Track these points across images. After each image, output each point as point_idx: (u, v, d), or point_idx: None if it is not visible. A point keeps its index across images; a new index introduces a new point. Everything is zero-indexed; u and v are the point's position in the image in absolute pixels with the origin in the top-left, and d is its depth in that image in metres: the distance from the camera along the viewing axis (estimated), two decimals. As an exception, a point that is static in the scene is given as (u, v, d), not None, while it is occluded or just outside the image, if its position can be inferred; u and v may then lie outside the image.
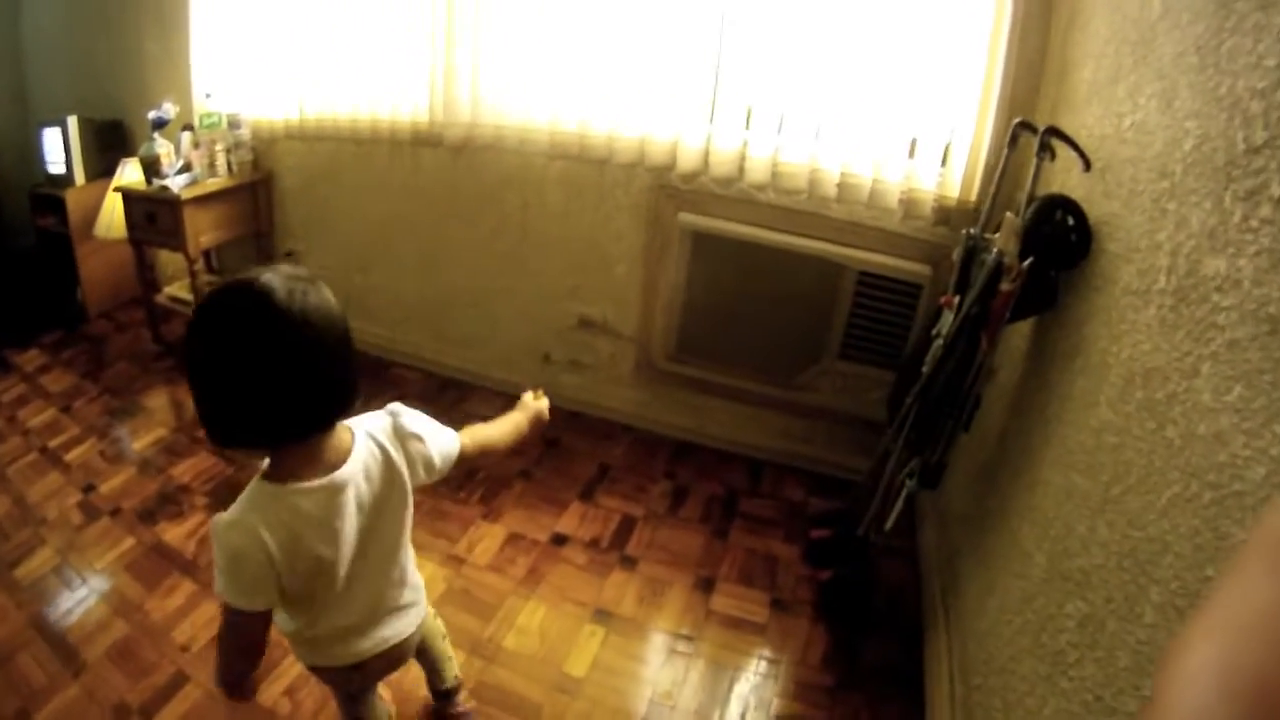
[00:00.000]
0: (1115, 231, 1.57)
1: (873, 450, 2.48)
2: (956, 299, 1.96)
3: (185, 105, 3.69)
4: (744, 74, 2.54)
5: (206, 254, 4.24)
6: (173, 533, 2.80)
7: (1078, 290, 1.73)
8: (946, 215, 2.47)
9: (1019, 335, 2.13)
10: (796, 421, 2.99)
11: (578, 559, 2.64)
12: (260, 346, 1.09)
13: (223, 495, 2.96)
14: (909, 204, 2.49)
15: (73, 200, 4.22)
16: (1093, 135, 1.78)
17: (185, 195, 3.47)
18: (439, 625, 1.86)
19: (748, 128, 2.60)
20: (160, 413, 3.70)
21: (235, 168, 3.66)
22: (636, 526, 2.78)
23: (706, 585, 2.55)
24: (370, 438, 1.30)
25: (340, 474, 1.23)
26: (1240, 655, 0.37)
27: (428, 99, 3.01)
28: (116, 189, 3.75)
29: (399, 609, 1.48)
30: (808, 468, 3.06)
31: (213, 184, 3.59)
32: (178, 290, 3.98)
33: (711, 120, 2.64)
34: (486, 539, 2.71)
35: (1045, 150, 1.82)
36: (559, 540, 2.71)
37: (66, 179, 4.25)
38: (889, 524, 2.21)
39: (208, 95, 3.61)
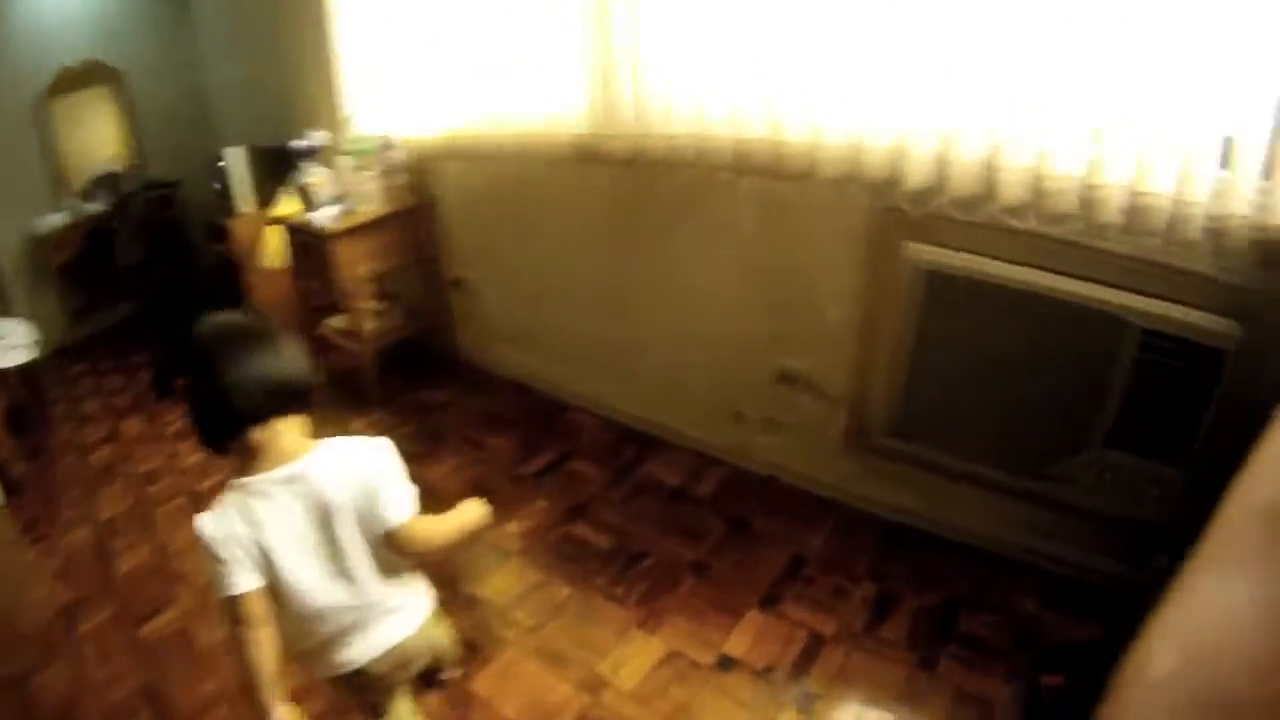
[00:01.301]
0: None
1: (1144, 557, 1.83)
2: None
3: (341, 131, 3.44)
4: (988, 45, 1.79)
5: (378, 281, 4.03)
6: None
7: None
8: (1272, 253, 1.69)
9: None
10: (1044, 514, 2.24)
11: (743, 693, 2.04)
12: (189, 369, 1.35)
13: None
14: (1218, 234, 1.70)
15: (239, 228, 4.16)
16: None
17: (335, 227, 3.21)
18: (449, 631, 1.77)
19: (997, 124, 1.84)
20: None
21: (391, 193, 3.35)
22: (824, 649, 2.13)
23: (902, 741, 1.91)
24: (340, 449, 1.41)
25: (292, 468, 1.35)
26: (1204, 667, 0.41)
27: (585, 106, 2.52)
28: (271, 220, 3.57)
29: (386, 612, 1.50)
30: (1050, 568, 2.28)
31: (365, 213, 3.31)
32: (339, 322, 3.72)
33: (946, 115, 1.89)
34: (638, 657, 2.17)
35: None
36: (725, 664, 2.11)
37: (234, 208, 4.21)
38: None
39: (351, 118, 3.34)
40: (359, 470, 1.39)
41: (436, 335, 3.87)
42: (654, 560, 2.47)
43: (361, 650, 1.47)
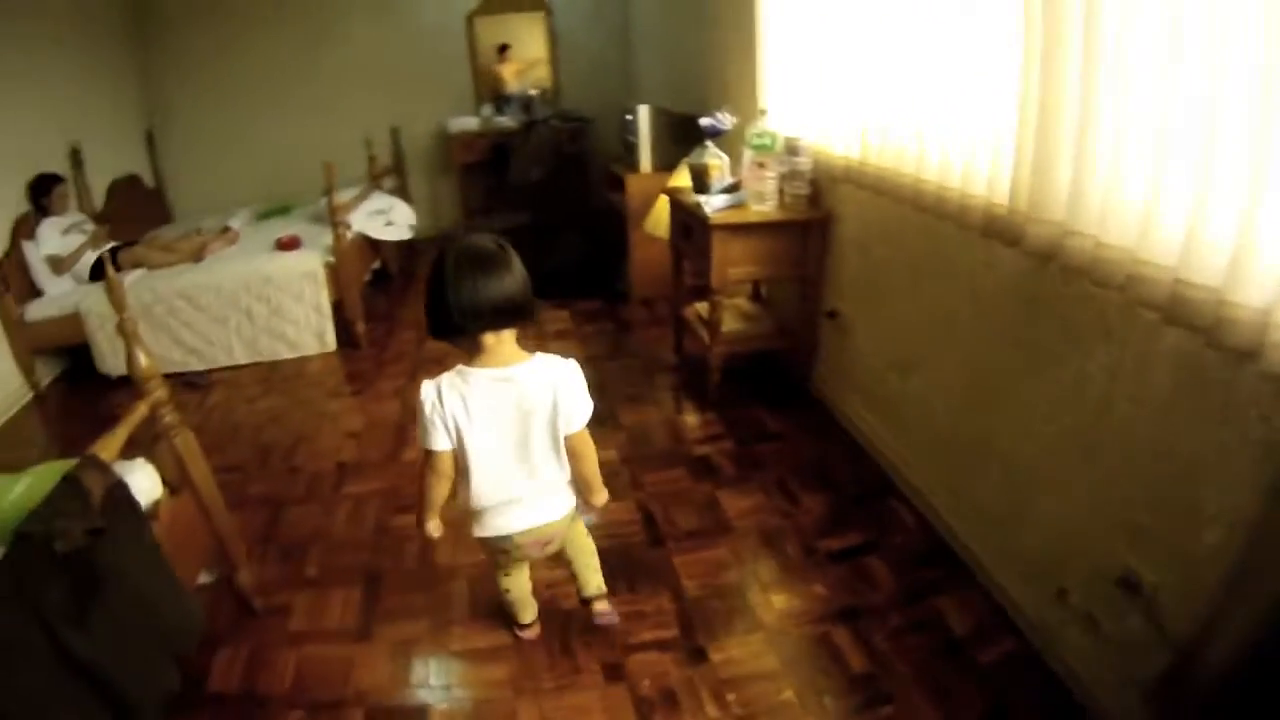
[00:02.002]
0: None
1: None
2: None
3: (750, 120, 3.21)
4: None
5: (755, 283, 3.83)
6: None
7: None
8: None
9: None
10: None
11: None
12: (436, 277, 1.71)
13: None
14: None
15: (633, 185, 4.23)
16: None
17: (718, 219, 3.02)
18: (588, 544, 2.27)
19: None
20: (627, 432, 3.39)
21: (788, 200, 3.09)
22: None
23: None
24: (545, 364, 1.80)
25: (507, 371, 1.75)
26: None
27: (1009, 177, 2.00)
28: (665, 189, 3.49)
29: (544, 499, 1.95)
30: None
31: (756, 213, 3.09)
32: (704, 310, 3.59)
33: None
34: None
35: None
36: None
37: (635, 163, 4.25)
38: None
39: (763, 111, 3.09)
40: (556, 383, 1.79)
41: (797, 359, 3.57)
42: (893, 711, 2.03)
43: (515, 521, 1.95)
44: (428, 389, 1.76)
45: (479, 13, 6.55)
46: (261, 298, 4.41)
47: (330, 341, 4.53)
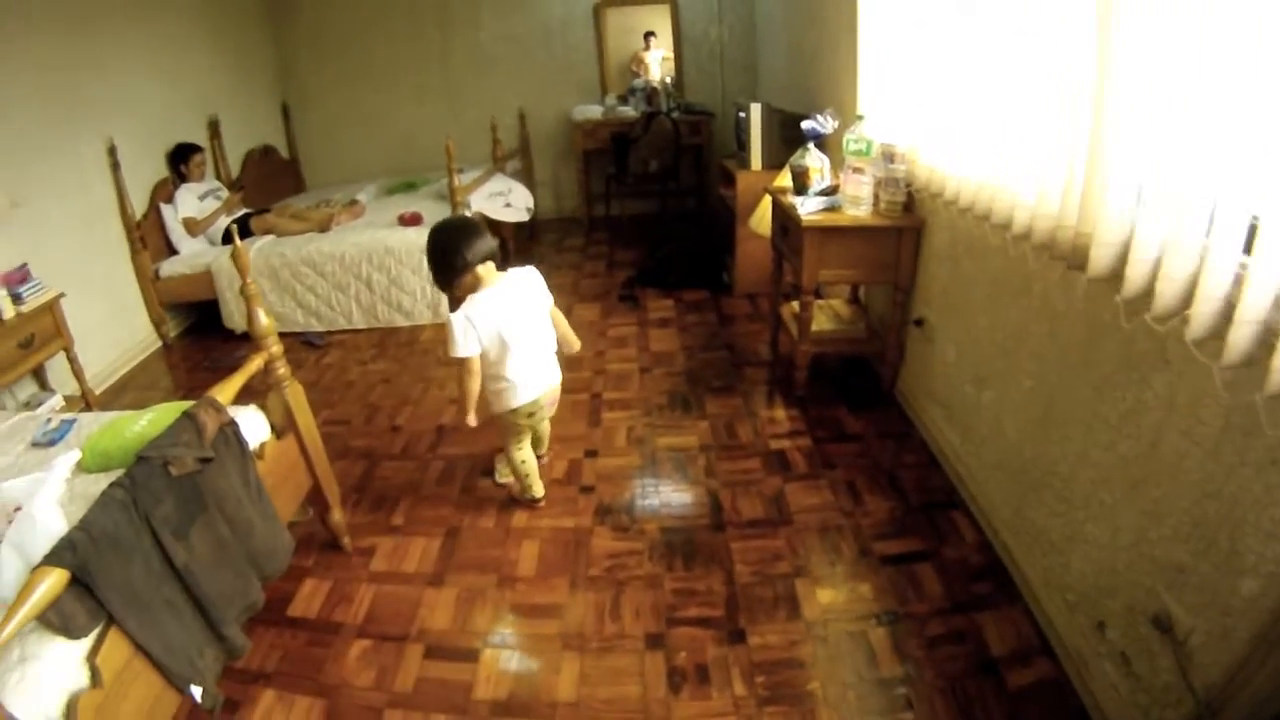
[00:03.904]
0: None
1: None
2: None
3: (849, 124, 3.22)
4: None
5: (854, 286, 3.85)
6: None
7: None
8: None
9: None
10: None
11: None
12: (441, 242, 2.54)
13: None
14: None
15: (742, 182, 4.29)
16: None
17: (811, 221, 3.07)
18: (546, 427, 3.13)
19: None
20: (710, 422, 3.50)
21: (882, 206, 3.10)
22: None
23: None
24: (519, 272, 2.66)
25: (500, 284, 2.55)
26: None
27: (1077, 203, 1.96)
28: (769, 189, 3.54)
29: (548, 371, 2.76)
30: None
31: (849, 217, 3.11)
32: (796, 307, 3.64)
33: None
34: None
35: None
36: None
37: (746, 160, 4.29)
38: None
39: (860, 117, 3.09)
40: (531, 281, 2.67)
41: (885, 364, 3.58)
42: (912, 718, 2.06)
43: (539, 385, 2.71)
44: (457, 317, 2.46)
45: (607, 4, 6.72)
46: (382, 268, 4.74)
47: (443, 313, 4.83)
